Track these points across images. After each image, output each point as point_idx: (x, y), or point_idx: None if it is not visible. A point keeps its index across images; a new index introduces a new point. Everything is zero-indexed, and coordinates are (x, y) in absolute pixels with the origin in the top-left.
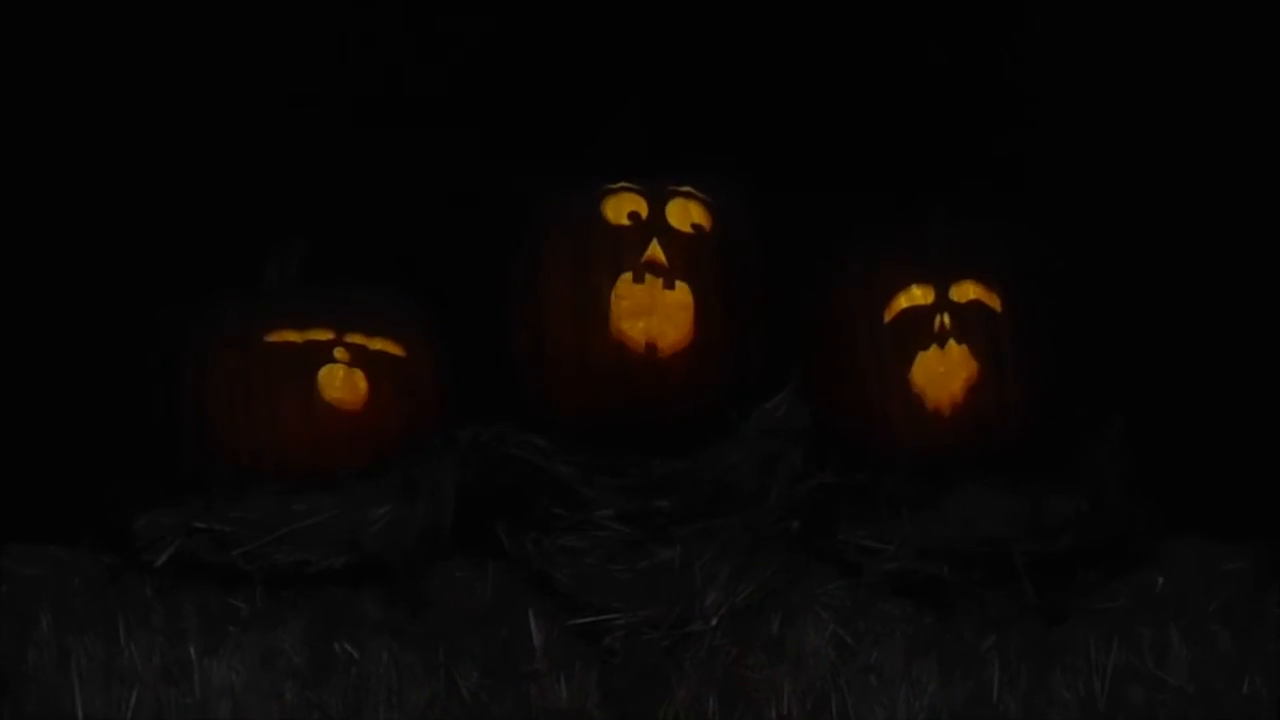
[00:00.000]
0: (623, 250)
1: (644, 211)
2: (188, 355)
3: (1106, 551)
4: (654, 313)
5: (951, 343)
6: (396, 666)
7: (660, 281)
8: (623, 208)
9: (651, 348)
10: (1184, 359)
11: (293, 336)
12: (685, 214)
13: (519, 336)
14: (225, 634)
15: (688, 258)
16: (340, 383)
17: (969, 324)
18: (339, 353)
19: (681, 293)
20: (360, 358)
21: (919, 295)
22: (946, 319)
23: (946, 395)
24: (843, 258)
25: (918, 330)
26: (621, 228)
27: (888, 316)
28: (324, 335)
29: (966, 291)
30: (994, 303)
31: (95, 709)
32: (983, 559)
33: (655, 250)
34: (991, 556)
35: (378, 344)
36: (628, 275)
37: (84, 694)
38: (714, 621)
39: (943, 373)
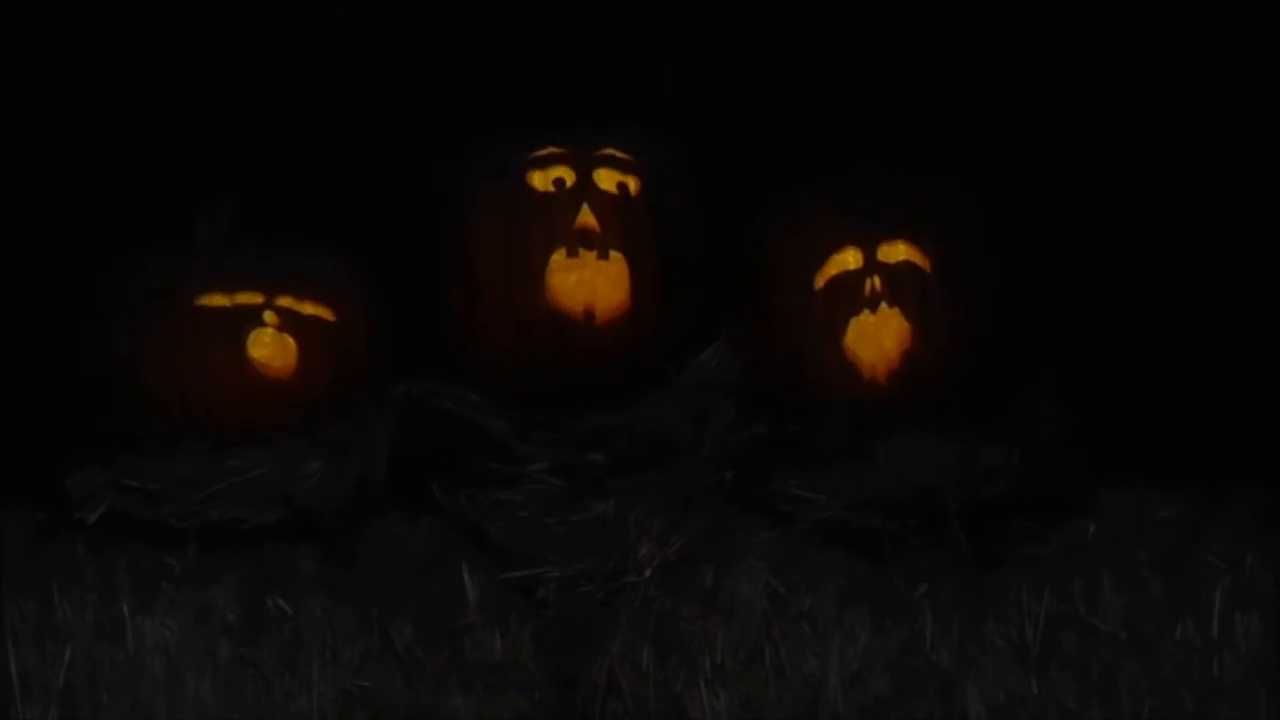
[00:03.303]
0: (554, 217)
1: (573, 176)
2: (120, 314)
3: (1038, 500)
4: (590, 282)
5: (883, 305)
6: (330, 622)
7: (594, 253)
8: (551, 172)
9: (589, 315)
10: (1120, 312)
11: (221, 300)
12: (614, 176)
13: (452, 298)
14: (158, 591)
15: (619, 221)
16: (270, 347)
17: (899, 285)
18: (268, 316)
19: (616, 262)
20: (290, 321)
21: (849, 259)
22: (877, 282)
23: (880, 355)
24: (773, 217)
25: (849, 295)
26: (550, 194)
27: (819, 282)
28: (253, 299)
29: (896, 251)
30: (924, 261)
31: (29, 667)
32: (915, 507)
33: (586, 216)
34: (924, 505)
35: (309, 308)
36: (562, 249)
37: (18, 652)
38: (648, 573)
39: (875, 335)
